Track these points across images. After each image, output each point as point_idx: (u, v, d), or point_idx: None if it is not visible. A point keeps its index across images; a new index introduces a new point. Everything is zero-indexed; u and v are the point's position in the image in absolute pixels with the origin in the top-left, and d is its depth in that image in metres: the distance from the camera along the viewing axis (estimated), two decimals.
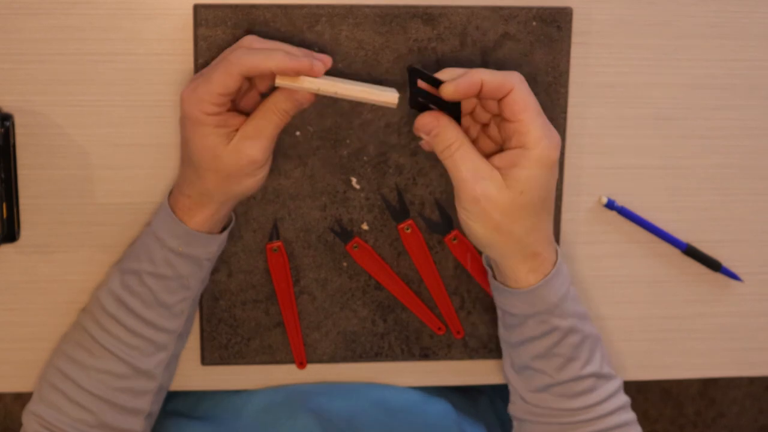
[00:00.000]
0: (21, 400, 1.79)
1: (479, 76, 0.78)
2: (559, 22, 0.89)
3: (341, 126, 0.89)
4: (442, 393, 0.99)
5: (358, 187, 0.91)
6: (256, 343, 0.93)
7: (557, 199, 0.93)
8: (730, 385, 2.01)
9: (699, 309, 0.99)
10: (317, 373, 0.95)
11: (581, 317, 0.85)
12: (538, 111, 0.79)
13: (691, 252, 0.96)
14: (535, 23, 0.89)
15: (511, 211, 0.79)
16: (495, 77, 0.78)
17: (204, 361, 0.93)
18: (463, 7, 0.88)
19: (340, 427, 0.91)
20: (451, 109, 0.80)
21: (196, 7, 0.86)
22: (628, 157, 0.94)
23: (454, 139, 0.79)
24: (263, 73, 0.78)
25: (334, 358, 0.94)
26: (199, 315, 0.92)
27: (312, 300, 0.93)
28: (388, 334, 0.94)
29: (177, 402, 0.98)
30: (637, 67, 0.92)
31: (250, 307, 0.92)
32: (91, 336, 0.85)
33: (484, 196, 0.78)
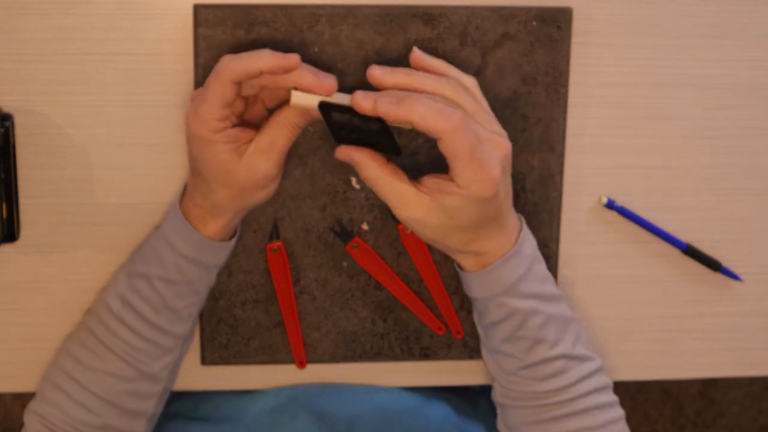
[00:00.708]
0: (21, 400, 1.79)
1: (413, 112, 0.74)
2: (559, 22, 0.89)
3: None
4: (442, 395, 0.99)
5: (358, 187, 0.91)
6: (256, 343, 0.93)
7: (557, 199, 0.93)
8: (730, 385, 2.01)
9: (699, 309, 0.98)
10: (317, 373, 0.95)
11: (546, 299, 0.83)
12: (470, 155, 0.75)
13: (691, 252, 0.96)
14: (535, 23, 0.89)
15: (442, 231, 0.79)
16: (426, 121, 0.74)
17: (204, 361, 0.93)
18: (463, 7, 0.88)
19: (340, 430, 0.91)
20: (378, 132, 0.77)
21: (196, 7, 0.86)
22: (628, 157, 0.94)
23: (372, 176, 0.78)
24: (253, 75, 0.77)
25: (334, 358, 0.94)
26: (199, 315, 0.92)
27: (312, 300, 0.93)
28: (388, 334, 0.94)
29: (177, 404, 0.98)
30: (637, 67, 0.92)
31: (250, 307, 0.92)
32: (98, 338, 0.85)
33: (413, 220, 0.79)
